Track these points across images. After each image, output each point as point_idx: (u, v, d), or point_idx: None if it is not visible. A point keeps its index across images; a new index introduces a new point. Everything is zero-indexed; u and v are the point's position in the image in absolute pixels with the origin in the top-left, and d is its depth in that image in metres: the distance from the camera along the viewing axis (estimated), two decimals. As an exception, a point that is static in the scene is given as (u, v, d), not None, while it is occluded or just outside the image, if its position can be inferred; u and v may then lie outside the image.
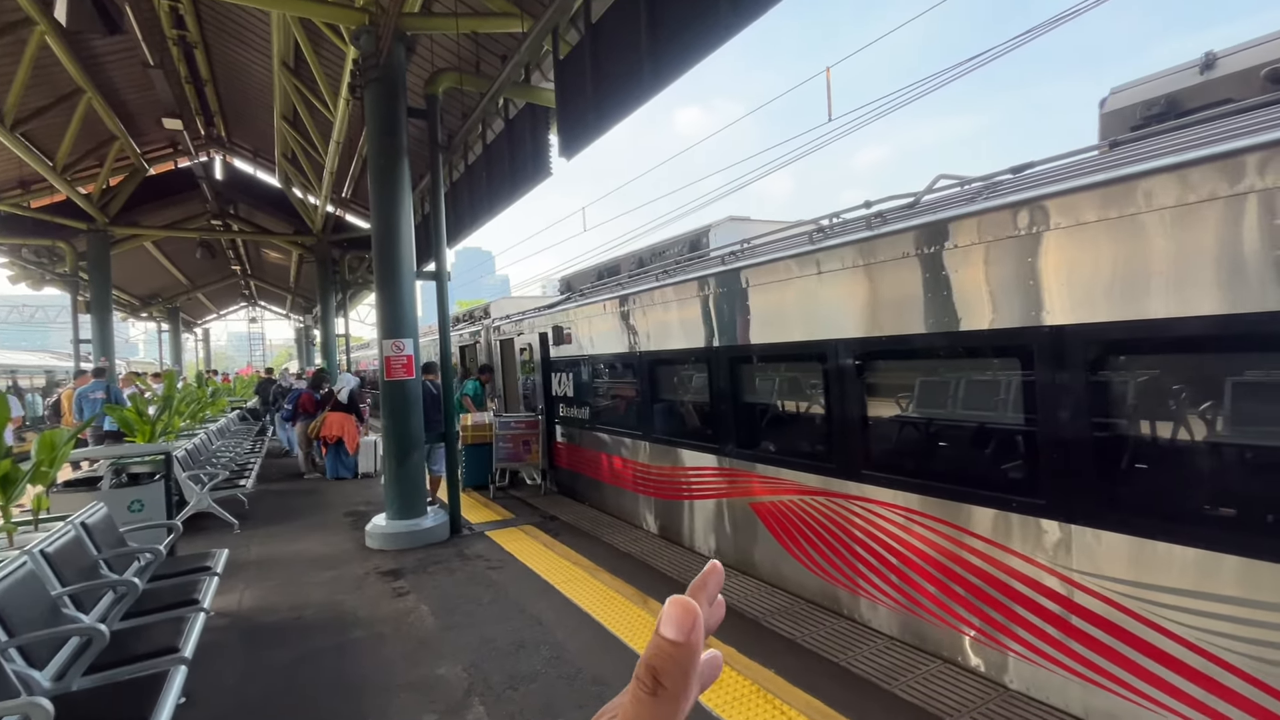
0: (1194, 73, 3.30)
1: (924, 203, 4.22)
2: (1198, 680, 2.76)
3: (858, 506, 4.39)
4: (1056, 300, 3.19)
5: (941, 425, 4.16)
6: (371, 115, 6.71)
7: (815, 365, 4.84)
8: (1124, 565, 2.99)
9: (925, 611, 3.92)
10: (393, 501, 6.63)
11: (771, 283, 5.11)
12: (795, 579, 4.97)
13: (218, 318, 37.35)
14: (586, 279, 9.95)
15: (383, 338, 6.68)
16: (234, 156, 16.39)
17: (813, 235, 4.86)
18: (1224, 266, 2.59)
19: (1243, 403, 2.76)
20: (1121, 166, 2.96)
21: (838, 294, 4.49)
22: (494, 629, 4.37)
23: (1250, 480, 2.79)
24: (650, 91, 5.46)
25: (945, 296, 3.74)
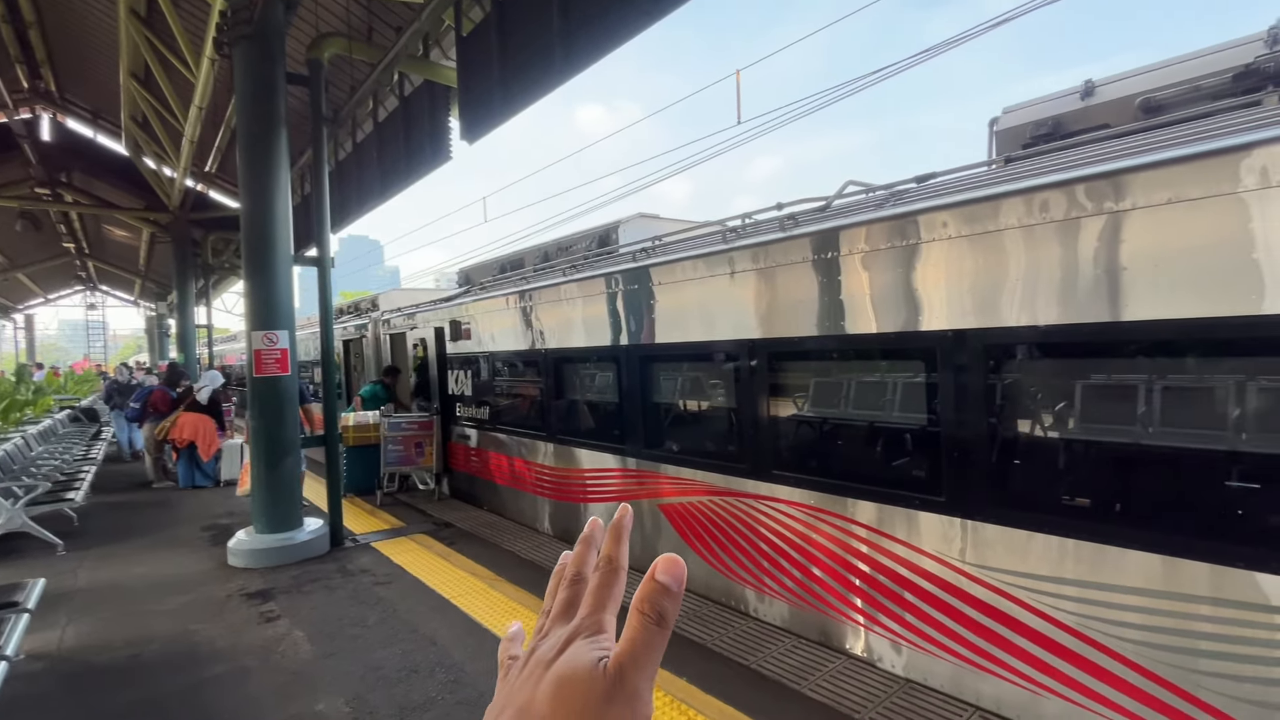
0: (1076, 99, 3.58)
1: (834, 207, 4.30)
2: (1075, 661, 2.96)
3: (764, 506, 4.40)
4: (956, 305, 3.32)
5: (844, 424, 4.27)
6: (242, 78, 5.94)
7: (725, 365, 4.82)
8: (1008, 556, 3.17)
9: (830, 609, 3.98)
10: (261, 512, 5.90)
11: (683, 281, 5.04)
12: (704, 580, 4.92)
13: (45, 303, 32.28)
14: (487, 272, 9.47)
15: (252, 329, 5.92)
16: (67, 116, 14.11)
17: (725, 235, 4.84)
18: (1103, 276, 2.78)
19: (1109, 403, 3.00)
20: (1016, 180, 3.13)
21: (750, 294, 4.48)
22: (382, 653, 3.95)
23: (1114, 473, 3.04)
24: (564, 75, 5.23)
25: (854, 299, 3.82)
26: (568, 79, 5.23)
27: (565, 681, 0.36)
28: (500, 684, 0.42)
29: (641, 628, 0.36)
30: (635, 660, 0.36)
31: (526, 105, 5.68)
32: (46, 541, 6.23)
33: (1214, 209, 2.47)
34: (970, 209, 3.22)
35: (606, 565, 0.42)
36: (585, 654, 0.37)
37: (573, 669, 0.36)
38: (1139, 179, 2.65)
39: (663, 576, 0.38)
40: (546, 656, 0.38)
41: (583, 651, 0.37)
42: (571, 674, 0.36)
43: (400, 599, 4.82)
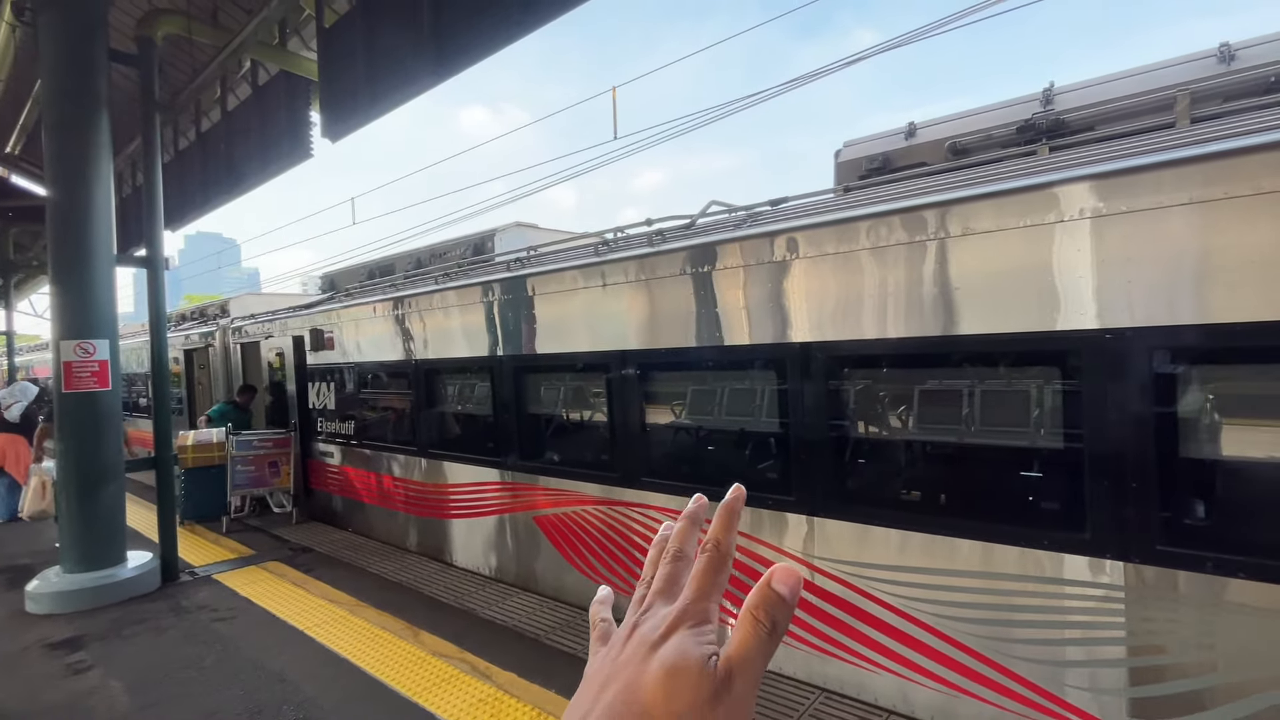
0: (901, 138, 4.05)
1: (698, 225, 4.52)
2: (896, 636, 3.32)
3: (636, 513, 4.52)
4: (801, 320, 3.63)
5: (712, 432, 4.49)
6: (50, 51, 5.19)
7: (599, 376, 4.89)
8: (850, 548, 3.49)
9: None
10: (72, 548, 5.12)
11: (557, 292, 5.06)
12: (577, 589, 4.94)
13: None
14: (354, 277, 8.92)
15: (61, 338, 5.15)
16: None
17: (598, 248, 4.92)
18: (917, 297, 3.17)
19: (928, 407, 3.42)
20: (853, 209, 3.49)
21: (621, 306, 4.59)
22: (219, 697, 3.57)
23: (933, 470, 3.46)
24: (435, 78, 5.11)
25: (715, 313, 4.04)
26: (440, 81, 5.11)
27: (675, 673, 0.36)
28: (596, 646, 0.42)
29: (754, 634, 0.36)
30: (745, 665, 0.36)
31: (396, 105, 5.48)
32: None
33: (999, 240, 2.91)
34: (810, 233, 3.53)
35: (714, 550, 0.42)
36: (695, 648, 0.37)
37: (684, 661, 0.36)
38: (939, 212, 3.05)
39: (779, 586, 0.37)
40: (651, 637, 0.38)
41: (691, 644, 0.37)
42: (683, 666, 0.36)
43: (244, 634, 4.39)
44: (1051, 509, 3.03)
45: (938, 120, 4.02)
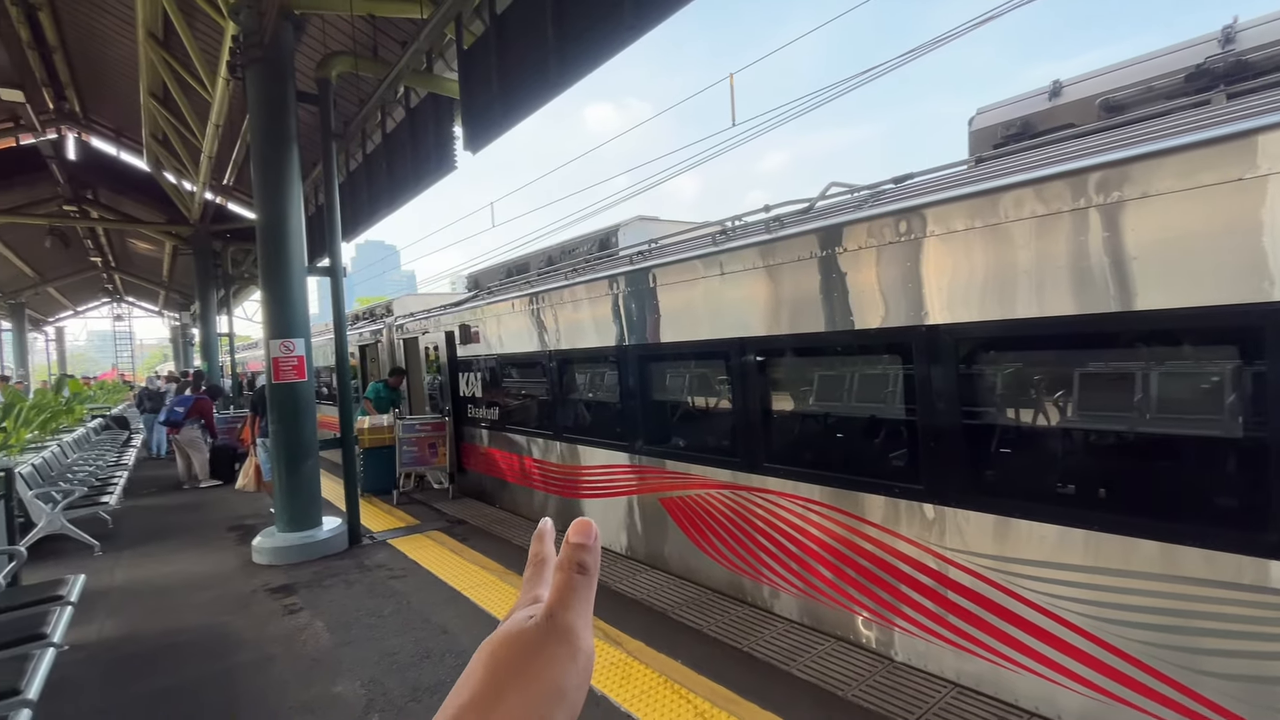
0: (1044, 99, 3.70)
1: (818, 208, 4.45)
2: (1042, 637, 3.11)
3: (760, 498, 4.58)
4: (933, 302, 3.47)
5: (836, 419, 4.43)
6: (255, 99, 6.22)
7: (721, 363, 5.00)
8: (989, 542, 3.32)
9: (821, 594, 4.15)
10: (283, 513, 6.19)
11: (678, 282, 5.22)
12: (704, 571, 5.11)
13: (74, 315, 33.31)
14: (495, 276, 9.72)
15: (270, 337, 6.21)
16: (91, 135, 14.62)
17: (716, 237, 5.01)
18: (1074, 271, 2.92)
19: (1089, 393, 3.13)
20: (984, 180, 3.27)
21: (740, 294, 4.66)
22: (396, 641, 4.19)
23: (1090, 461, 3.17)
24: (558, 87, 5.43)
25: (837, 297, 3.98)
26: (562, 90, 5.43)
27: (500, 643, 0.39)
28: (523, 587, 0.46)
29: (565, 577, 0.41)
30: (563, 602, 0.40)
31: (525, 115, 5.90)
32: (84, 543, 6.58)
33: (1172, 204, 2.60)
34: (941, 209, 3.37)
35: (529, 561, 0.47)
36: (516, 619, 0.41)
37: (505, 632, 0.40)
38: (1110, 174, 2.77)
39: (574, 537, 0.43)
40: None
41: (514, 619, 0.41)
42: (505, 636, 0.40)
43: (414, 592, 5.07)
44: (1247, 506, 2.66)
45: (1087, 75, 3.62)
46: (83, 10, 10.04)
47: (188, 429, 9.82)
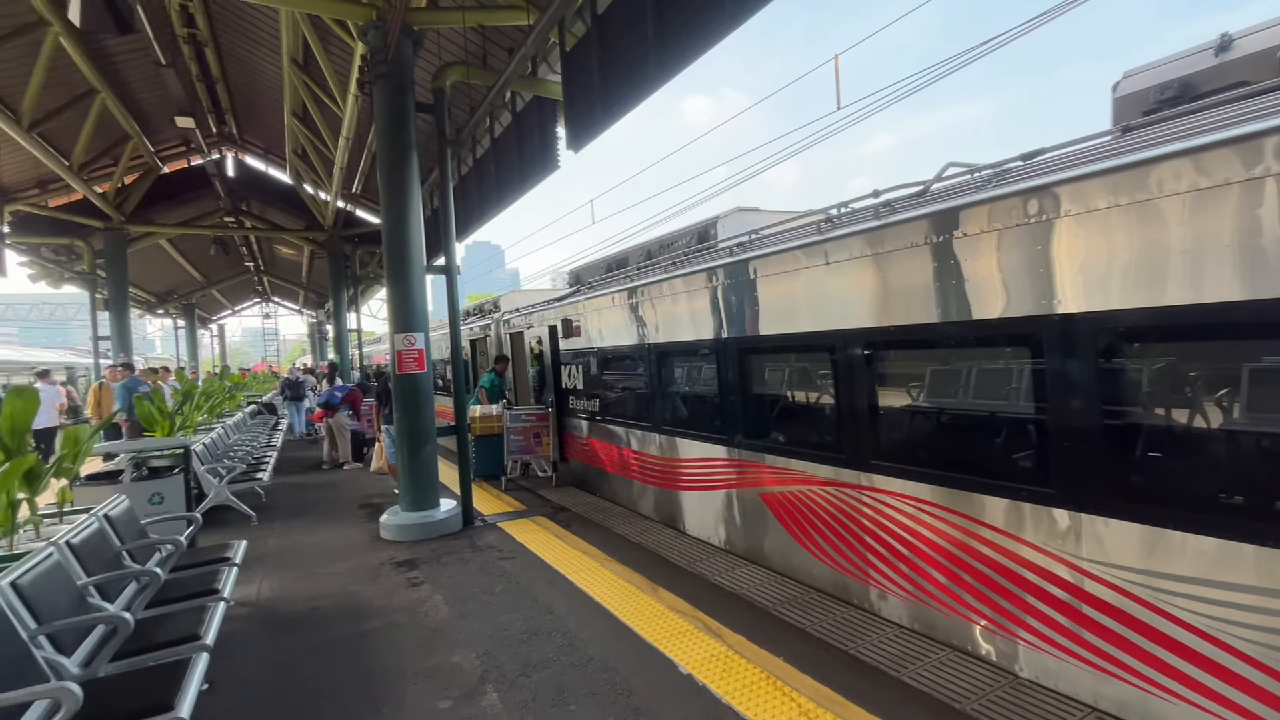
0: (1209, 55, 3.25)
1: (933, 191, 4.18)
2: (1207, 667, 2.76)
3: (868, 497, 4.40)
4: (1068, 288, 3.17)
5: (951, 415, 4.16)
6: (380, 111, 6.75)
7: (825, 356, 4.84)
8: (1134, 554, 2.99)
9: (935, 600, 3.93)
10: (406, 493, 6.72)
11: (780, 273, 5.11)
12: (805, 569, 4.99)
13: (232, 314, 37.79)
14: (595, 271, 9.97)
15: (394, 332, 6.74)
16: (245, 154, 16.52)
17: (820, 225, 4.84)
18: (1243, 252, 2.56)
19: (1261, 390, 2.74)
20: (1133, 152, 2.93)
21: (846, 284, 4.48)
22: (506, 618, 4.44)
23: (1261, 467, 2.77)
24: (656, 83, 5.46)
25: (955, 285, 3.73)
26: (661, 84, 5.45)
27: None
28: None
29: None
30: None
31: (625, 112, 5.98)
32: (243, 513, 7.49)
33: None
34: (1078, 186, 3.06)
35: None
36: None
37: None
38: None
39: None
40: None
41: None
42: None
43: (522, 572, 5.33)
44: None
45: (1265, 25, 3.13)
46: (239, 44, 11.33)
47: (341, 415, 10.94)
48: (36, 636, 2.73)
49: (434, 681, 3.63)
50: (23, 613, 2.73)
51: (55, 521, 4.12)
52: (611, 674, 3.59)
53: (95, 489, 5.85)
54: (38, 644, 2.72)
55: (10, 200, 13.30)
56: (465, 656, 3.90)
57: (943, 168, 4.24)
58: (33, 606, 2.82)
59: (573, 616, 4.40)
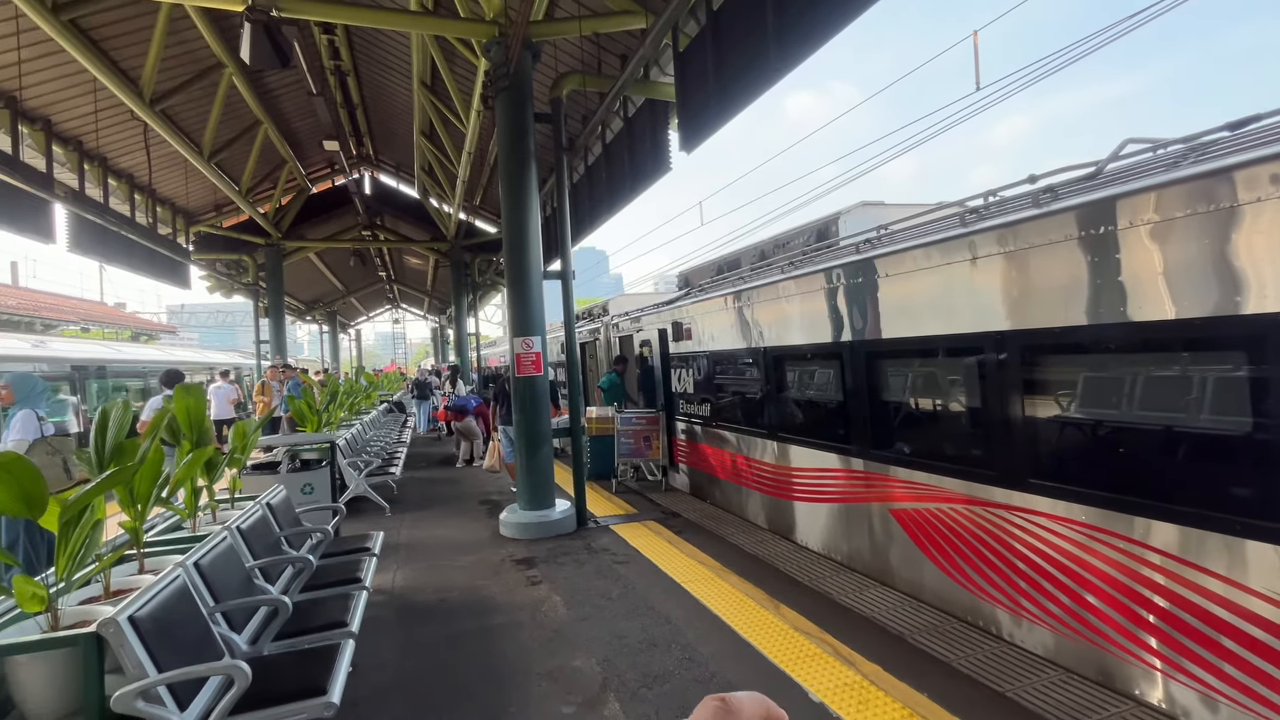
0: None
1: (1108, 172, 3.66)
2: None
3: (1019, 518, 3.92)
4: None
5: (1128, 429, 3.59)
6: (502, 123, 7.02)
7: (968, 361, 4.39)
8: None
9: (1111, 644, 3.41)
10: (524, 492, 6.92)
11: (915, 271, 4.70)
12: (941, 593, 4.55)
13: (367, 319, 41.44)
14: (705, 274, 9.82)
15: (513, 335, 6.97)
16: (380, 172, 18.00)
17: (964, 217, 4.40)
18: None
19: None
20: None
21: (995, 282, 4.03)
22: (624, 625, 4.39)
23: None
24: (776, 75, 5.27)
25: (1138, 281, 3.22)
26: (782, 76, 5.25)
27: None
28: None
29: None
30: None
31: (741, 108, 5.81)
32: (378, 505, 8.06)
33: None
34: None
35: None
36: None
37: None
38: None
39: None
40: None
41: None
42: None
43: (637, 578, 5.29)
44: None
45: None
46: (375, 71, 12.33)
47: (469, 420, 11.60)
48: (215, 614, 3.01)
49: (557, 684, 3.64)
50: (204, 590, 3.02)
51: (227, 506, 4.59)
52: (736, 694, 3.42)
53: (258, 478, 6.52)
54: (215, 620, 3.00)
55: (194, 222, 15.32)
56: (586, 662, 3.89)
57: (1119, 145, 3.70)
58: (211, 585, 3.11)
59: (691, 628, 4.27)
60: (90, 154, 10.60)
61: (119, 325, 30.18)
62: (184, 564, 3.00)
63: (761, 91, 5.48)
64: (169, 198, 13.87)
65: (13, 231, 8.92)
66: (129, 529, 3.18)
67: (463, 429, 11.67)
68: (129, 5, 7.94)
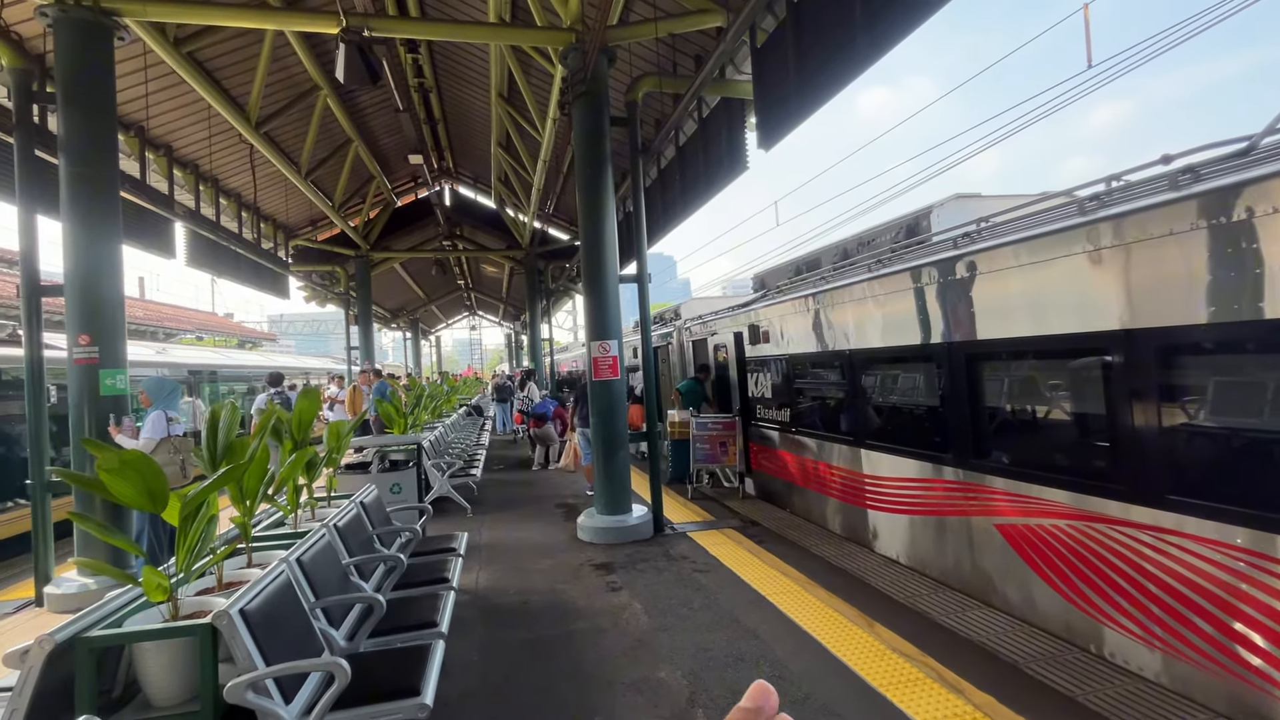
0: None
1: (1263, 147, 3.21)
2: None
3: (1149, 536, 3.49)
4: None
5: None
6: (579, 128, 7.06)
7: (1093, 362, 3.98)
8: None
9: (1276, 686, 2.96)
10: (601, 496, 6.89)
11: (1026, 265, 4.32)
12: (1060, 619, 4.13)
13: (446, 326, 43.19)
14: (782, 275, 9.54)
15: (590, 339, 6.98)
16: (459, 184, 18.68)
17: (1084, 205, 4.00)
18: None
19: None
20: None
21: (1122, 275, 3.63)
22: (708, 637, 4.25)
23: None
24: (865, 62, 5.05)
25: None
26: (871, 63, 5.03)
27: None
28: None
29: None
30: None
31: (825, 100, 5.62)
32: (460, 505, 8.27)
33: None
34: None
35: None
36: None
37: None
38: None
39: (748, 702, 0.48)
40: None
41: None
42: None
43: (719, 588, 5.12)
44: None
45: None
46: (455, 86, 12.79)
47: (548, 426, 11.79)
48: (315, 609, 3.10)
49: (642, 696, 3.54)
50: (305, 586, 3.12)
51: (325, 504, 4.79)
52: (833, 718, 3.21)
53: (351, 477, 6.82)
54: (315, 616, 3.09)
55: (292, 236, 16.40)
56: (670, 674, 3.77)
57: (1276, 118, 3.25)
58: (311, 581, 3.21)
59: (780, 644, 4.08)
60: (205, 176, 11.54)
61: (228, 334, 32.83)
62: (288, 559, 3.11)
63: (848, 81, 5.25)
64: (271, 214, 14.90)
65: (140, 248, 9.81)
66: (239, 524, 3.34)
67: (540, 434, 11.85)
68: (237, 38, 8.57)
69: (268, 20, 6.52)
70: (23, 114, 5.95)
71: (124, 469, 2.37)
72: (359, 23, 6.42)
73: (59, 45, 5.74)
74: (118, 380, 5.81)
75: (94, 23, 5.83)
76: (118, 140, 6.24)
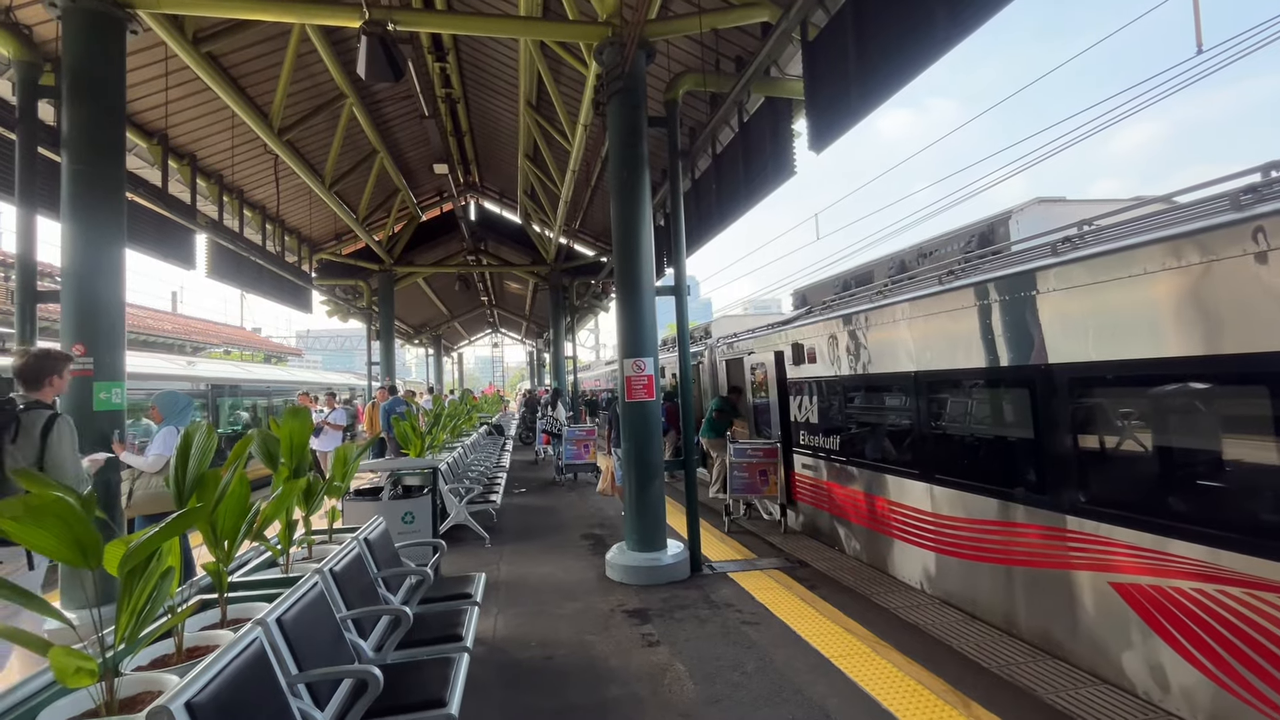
0: None
1: None
2: None
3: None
4: None
5: None
6: (614, 128, 6.54)
7: (1233, 390, 3.25)
8: None
9: None
10: (632, 532, 6.22)
11: (1155, 273, 3.62)
12: (1209, 704, 3.35)
13: (468, 343, 43.03)
14: (827, 290, 8.87)
15: (623, 356, 6.37)
16: (484, 199, 18.39)
17: (1238, 200, 3.30)
18: None
19: None
20: None
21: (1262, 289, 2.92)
22: (767, 713, 3.54)
23: None
24: (944, 45, 4.49)
25: None
26: (951, 46, 4.45)
27: None
28: None
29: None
30: None
31: (892, 92, 5.07)
32: (477, 534, 7.65)
33: None
34: None
35: None
36: None
37: None
38: None
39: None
40: None
41: None
42: None
43: (773, 646, 4.40)
44: None
45: None
46: (483, 96, 12.47)
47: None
48: (295, 686, 2.49)
49: (696, 798, 2.85)
50: (286, 657, 2.52)
51: (325, 539, 4.21)
52: (947, 846, 2.49)
53: (359, 504, 6.25)
54: (295, 693, 2.48)
55: (317, 250, 16.18)
56: (729, 766, 3.07)
57: None
58: (295, 648, 2.61)
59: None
60: (229, 187, 11.30)
61: (254, 348, 32.97)
62: (265, 620, 2.52)
63: (921, 68, 4.68)
64: (295, 227, 14.68)
65: (160, 258, 9.50)
66: (211, 570, 2.76)
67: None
68: (260, 41, 8.28)
69: (287, 12, 6.14)
70: (26, 109, 5.61)
71: (37, 515, 1.79)
72: (382, 15, 6.01)
73: (67, 36, 5.40)
74: (113, 394, 5.34)
75: (105, 13, 5.49)
76: (125, 138, 5.86)
